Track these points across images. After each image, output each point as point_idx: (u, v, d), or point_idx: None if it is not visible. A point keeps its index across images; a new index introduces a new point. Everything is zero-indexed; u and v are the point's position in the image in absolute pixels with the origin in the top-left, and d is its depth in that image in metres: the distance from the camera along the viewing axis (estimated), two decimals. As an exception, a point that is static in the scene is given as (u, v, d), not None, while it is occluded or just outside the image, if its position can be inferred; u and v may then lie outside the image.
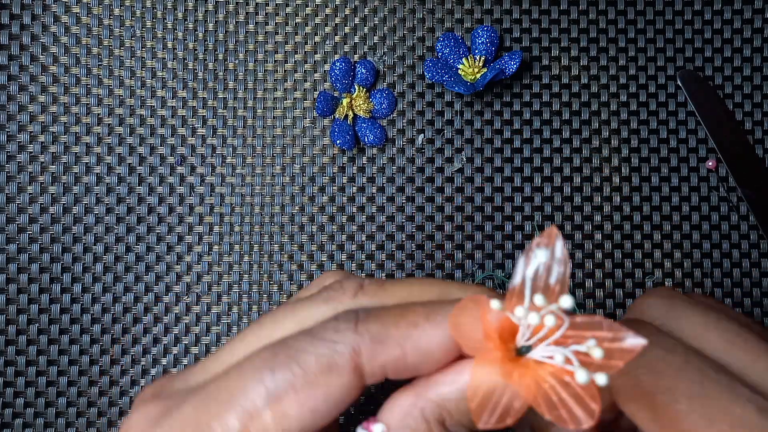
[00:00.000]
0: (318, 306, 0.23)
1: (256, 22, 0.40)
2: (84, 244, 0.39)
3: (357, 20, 0.40)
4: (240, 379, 0.21)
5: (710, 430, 0.19)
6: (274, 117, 0.40)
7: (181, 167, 0.40)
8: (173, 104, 0.40)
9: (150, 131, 0.40)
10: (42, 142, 0.39)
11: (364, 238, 0.40)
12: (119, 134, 0.40)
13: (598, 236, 0.40)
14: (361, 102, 0.39)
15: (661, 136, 0.40)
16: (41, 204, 0.39)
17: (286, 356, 0.21)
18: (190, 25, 0.40)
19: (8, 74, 0.39)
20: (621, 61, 0.41)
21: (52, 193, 0.39)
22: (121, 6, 0.40)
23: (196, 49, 0.40)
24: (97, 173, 0.39)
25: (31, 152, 0.39)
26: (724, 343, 0.21)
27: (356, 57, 0.40)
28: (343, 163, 0.40)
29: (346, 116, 0.39)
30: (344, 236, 0.40)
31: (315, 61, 0.40)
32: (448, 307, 0.21)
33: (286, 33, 0.40)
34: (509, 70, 0.39)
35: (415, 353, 0.20)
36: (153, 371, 0.39)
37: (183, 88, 0.40)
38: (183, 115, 0.40)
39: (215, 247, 0.39)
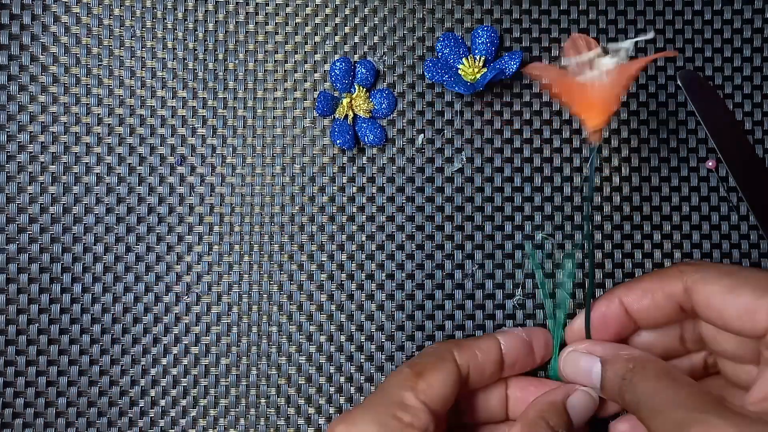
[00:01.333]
0: None
1: (256, 22, 0.40)
2: (84, 244, 0.39)
3: (357, 20, 0.40)
4: (391, 378, 0.32)
5: None
6: (274, 117, 0.40)
7: (181, 167, 0.40)
8: (173, 104, 0.40)
9: (150, 131, 0.40)
10: (42, 142, 0.39)
11: (364, 238, 0.40)
12: (119, 134, 0.40)
13: (599, 236, 0.40)
14: (361, 102, 0.39)
15: (661, 137, 0.40)
16: (41, 204, 0.39)
17: (414, 361, 0.33)
18: (190, 25, 0.40)
19: (8, 74, 0.39)
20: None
21: (52, 193, 0.39)
22: (121, 6, 0.40)
23: (196, 49, 0.40)
24: (97, 173, 0.39)
25: (31, 152, 0.39)
26: None
27: (356, 57, 0.40)
28: (343, 163, 0.40)
29: (346, 116, 0.39)
30: (344, 236, 0.40)
31: (315, 61, 0.40)
32: (490, 334, 0.36)
33: (286, 33, 0.40)
34: (509, 70, 0.39)
35: (481, 353, 0.34)
36: (153, 371, 0.39)
37: (183, 88, 0.40)
38: (183, 115, 0.40)
39: (215, 247, 0.39)
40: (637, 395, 0.29)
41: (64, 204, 0.39)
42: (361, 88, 0.40)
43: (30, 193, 0.39)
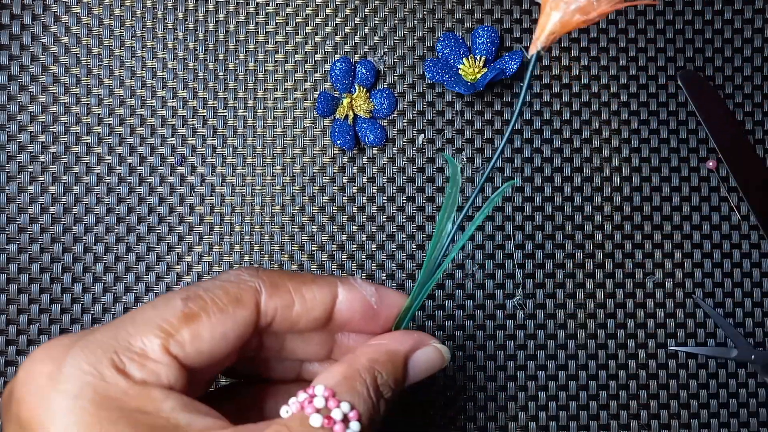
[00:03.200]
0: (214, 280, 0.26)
1: (256, 22, 0.40)
2: (84, 244, 0.39)
3: (357, 20, 0.40)
4: (155, 308, 0.23)
5: None
6: (274, 117, 0.40)
7: (182, 167, 0.40)
8: (173, 104, 0.40)
9: (150, 131, 0.40)
10: (42, 142, 0.39)
11: (364, 238, 0.40)
12: (120, 134, 0.40)
13: (599, 236, 0.40)
14: (362, 102, 0.39)
15: (661, 136, 0.40)
16: (42, 204, 0.39)
17: (197, 290, 0.24)
18: (191, 25, 0.40)
19: (9, 74, 0.39)
20: (621, 62, 0.41)
21: (53, 193, 0.39)
22: (121, 6, 0.40)
23: (196, 49, 0.40)
24: (97, 173, 0.39)
25: (31, 152, 0.39)
26: None
27: (357, 57, 0.40)
28: (343, 163, 0.40)
29: (347, 116, 0.39)
30: (344, 236, 0.40)
31: (315, 61, 0.40)
32: (332, 280, 0.27)
33: (286, 33, 0.40)
34: (509, 70, 0.39)
35: (301, 303, 0.26)
36: (153, 371, 0.39)
37: (183, 88, 0.40)
38: (183, 115, 0.40)
39: (216, 247, 0.39)
40: None
41: (64, 204, 0.39)
42: (362, 88, 0.40)
43: (30, 193, 0.39)
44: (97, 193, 0.39)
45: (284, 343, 0.28)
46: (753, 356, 0.39)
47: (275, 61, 0.40)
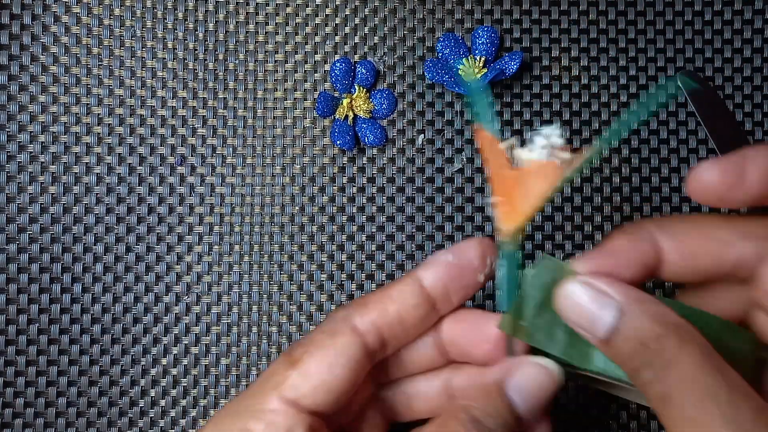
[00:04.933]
0: None
1: (256, 22, 0.40)
2: (84, 244, 0.39)
3: (357, 20, 0.40)
4: (263, 375, 0.26)
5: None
6: (274, 117, 0.40)
7: (182, 167, 0.40)
8: (173, 104, 0.40)
9: (150, 131, 0.40)
10: (42, 142, 0.39)
11: (364, 239, 0.40)
12: (119, 134, 0.40)
13: (599, 237, 0.40)
14: (362, 102, 0.39)
15: (661, 137, 0.40)
16: (41, 204, 0.39)
17: (299, 343, 0.26)
18: (191, 25, 0.40)
19: (8, 74, 0.39)
20: (621, 62, 0.41)
21: (53, 193, 0.39)
22: (121, 6, 0.40)
23: (196, 49, 0.40)
24: (97, 173, 0.39)
25: (31, 152, 0.39)
26: None
27: (356, 57, 0.40)
28: (343, 164, 0.40)
29: (347, 116, 0.39)
30: (344, 236, 0.40)
31: (315, 62, 0.40)
32: (410, 272, 0.27)
33: (286, 33, 0.40)
34: (509, 70, 0.39)
35: (391, 303, 0.26)
36: (153, 371, 0.39)
37: (183, 88, 0.40)
38: (183, 115, 0.40)
39: (215, 248, 0.39)
40: (666, 380, 0.21)
41: (64, 204, 0.39)
42: (362, 89, 0.40)
43: (30, 193, 0.39)
44: (97, 193, 0.39)
45: (402, 361, 0.29)
46: (752, 357, 0.39)
47: (275, 61, 0.40)
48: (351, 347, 0.25)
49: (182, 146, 0.40)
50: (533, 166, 0.25)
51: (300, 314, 0.39)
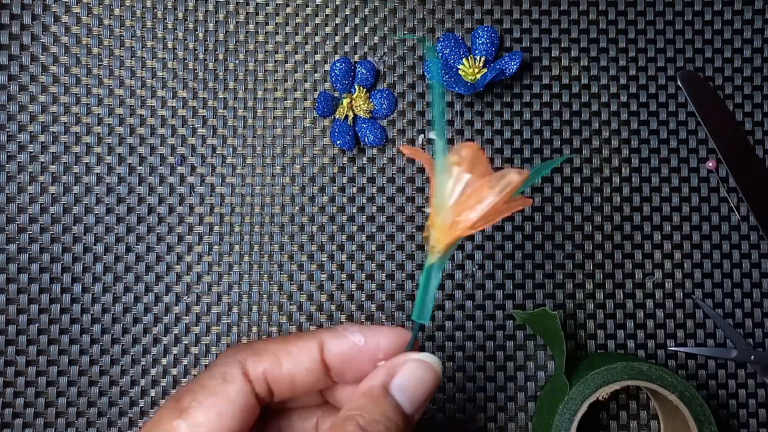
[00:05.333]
0: None
1: (256, 23, 0.40)
2: (84, 244, 0.39)
3: (357, 20, 0.40)
4: (149, 424, 0.25)
5: None
6: (274, 117, 0.40)
7: (182, 167, 0.40)
8: (173, 104, 0.40)
9: (150, 131, 0.40)
10: (42, 142, 0.39)
11: (364, 239, 0.40)
12: (119, 134, 0.40)
13: (598, 237, 0.40)
14: (362, 102, 0.39)
15: (661, 137, 0.40)
16: (41, 204, 0.39)
17: (187, 386, 0.25)
18: (191, 25, 0.40)
19: (8, 74, 0.39)
20: (621, 62, 0.41)
21: (53, 193, 0.39)
22: (121, 6, 0.40)
23: (196, 49, 0.40)
24: (97, 173, 0.39)
25: (31, 152, 0.39)
26: None
27: (356, 57, 0.40)
28: (343, 164, 0.40)
29: (347, 116, 0.39)
30: (344, 236, 0.40)
31: (315, 62, 0.40)
32: (315, 331, 0.26)
33: (286, 33, 0.40)
34: (509, 70, 0.39)
35: (287, 358, 0.26)
36: (153, 371, 0.39)
37: (183, 88, 0.40)
38: (183, 115, 0.40)
39: (215, 248, 0.39)
40: None
41: (64, 204, 0.39)
42: (362, 89, 0.40)
43: (30, 193, 0.39)
44: (97, 193, 0.39)
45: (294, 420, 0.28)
46: (752, 357, 0.39)
47: (275, 61, 0.40)
48: (242, 395, 0.25)
49: (182, 146, 0.40)
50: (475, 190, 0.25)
51: (300, 314, 0.39)
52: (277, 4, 0.40)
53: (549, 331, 0.36)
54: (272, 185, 0.40)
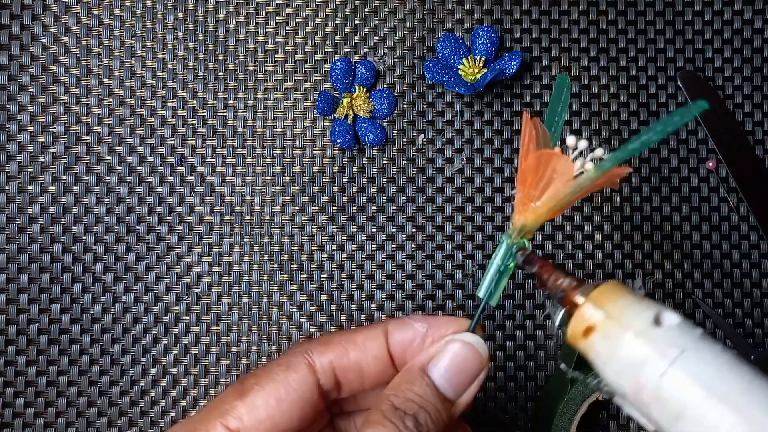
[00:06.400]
0: None
1: (256, 23, 0.40)
2: (84, 244, 0.39)
3: (357, 20, 0.40)
4: (212, 402, 0.25)
5: None
6: (274, 117, 0.40)
7: (182, 167, 0.40)
8: (173, 104, 0.40)
9: (150, 131, 0.40)
10: (42, 142, 0.39)
11: (364, 239, 0.40)
12: (119, 134, 0.40)
13: (599, 237, 0.40)
14: (362, 102, 0.39)
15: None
16: (41, 204, 0.39)
17: (253, 373, 0.25)
18: (191, 25, 0.40)
19: (8, 74, 0.39)
20: (621, 62, 0.41)
21: (53, 193, 0.39)
22: (121, 6, 0.40)
23: (196, 49, 0.40)
24: (97, 173, 0.39)
25: (31, 152, 0.39)
26: None
27: (356, 57, 0.40)
28: (343, 164, 0.40)
29: (347, 116, 0.39)
30: (344, 236, 0.40)
31: (315, 61, 0.40)
32: (380, 323, 0.27)
33: (286, 33, 0.40)
34: (509, 70, 0.39)
35: (354, 348, 0.26)
36: (153, 371, 0.39)
37: (183, 88, 0.40)
38: (183, 115, 0.40)
39: (215, 248, 0.39)
40: None
41: (64, 204, 0.39)
42: (362, 88, 0.40)
43: (30, 193, 0.39)
44: (97, 193, 0.39)
45: (355, 397, 0.28)
46: (752, 357, 0.39)
47: (275, 61, 0.40)
48: (303, 384, 0.25)
49: (182, 146, 0.40)
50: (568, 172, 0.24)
51: (300, 314, 0.39)
52: (277, 4, 0.40)
53: None
54: (272, 185, 0.40)
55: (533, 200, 0.24)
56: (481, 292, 0.26)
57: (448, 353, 0.25)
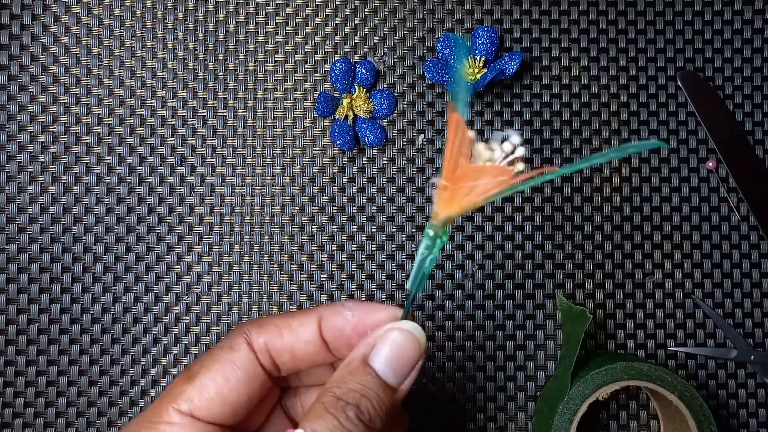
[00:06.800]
0: None
1: (256, 23, 0.40)
2: (84, 244, 0.39)
3: (357, 21, 0.40)
4: (167, 389, 0.26)
5: None
6: (274, 117, 0.40)
7: (182, 167, 0.40)
8: (173, 104, 0.40)
9: (150, 131, 0.40)
10: (42, 142, 0.39)
11: (364, 239, 0.40)
12: (119, 134, 0.40)
13: (598, 237, 0.40)
14: (362, 102, 0.39)
15: (661, 137, 0.40)
16: (41, 204, 0.39)
17: (198, 359, 0.27)
18: (191, 25, 0.40)
19: (8, 74, 0.39)
20: (621, 62, 0.41)
21: (53, 193, 0.39)
22: (121, 6, 0.40)
23: (196, 49, 0.40)
24: (97, 173, 0.39)
25: (31, 152, 0.39)
26: None
27: (356, 57, 0.40)
28: (343, 164, 0.40)
29: (347, 116, 0.39)
30: (344, 236, 0.40)
31: (315, 62, 0.40)
32: (316, 308, 0.27)
33: (286, 33, 0.40)
34: (509, 70, 0.39)
35: (288, 331, 0.27)
36: (153, 371, 0.39)
37: (183, 88, 0.40)
38: (183, 115, 0.40)
39: (215, 248, 0.39)
40: None
41: (64, 204, 0.39)
42: (362, 89, 0.40)
43: (30, 193, 0.39)
44: (97, 193, 0.39)
45: (298, 374, 0.29)
46: (752, 357, 0.39)
47: (275, 61, 0.40)
48: (246, 361, 0.26)
49: (182, 146, 0.40)
50: (489, 166, 0.25)
51: (300, 314, 0.39)
52: (277, 4, 0.40)
53: (574, 330, 0.36)
54: (272, 185, 0.40)
55: (458, 196, 0.25)
56: (409, 285, 0.27)
57: (388, 341, 0.26)
